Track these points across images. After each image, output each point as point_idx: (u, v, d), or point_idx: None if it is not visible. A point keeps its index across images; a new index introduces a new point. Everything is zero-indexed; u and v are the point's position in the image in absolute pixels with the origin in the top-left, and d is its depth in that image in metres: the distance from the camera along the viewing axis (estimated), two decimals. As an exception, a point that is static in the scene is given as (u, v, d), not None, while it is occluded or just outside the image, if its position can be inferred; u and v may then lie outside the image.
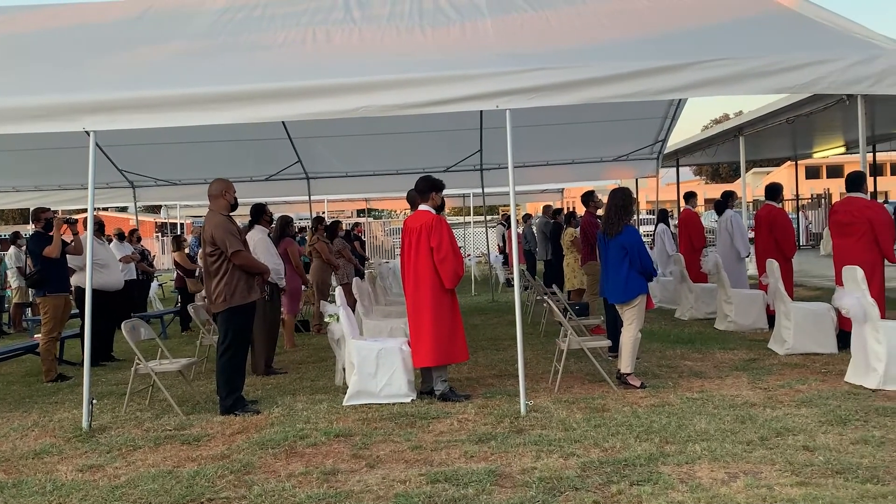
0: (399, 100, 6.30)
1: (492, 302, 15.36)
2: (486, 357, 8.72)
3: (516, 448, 5.14)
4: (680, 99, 11.53)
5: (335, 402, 6.75)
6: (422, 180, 6.98)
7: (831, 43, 6.54)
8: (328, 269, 11.49)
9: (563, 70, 6.28)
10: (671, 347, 8.84)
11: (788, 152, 26.51)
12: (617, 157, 14.45)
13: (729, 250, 11.23)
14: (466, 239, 28.59)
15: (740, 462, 4.67)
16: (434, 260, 6.61)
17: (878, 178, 24.93)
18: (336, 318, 6.97)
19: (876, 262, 7.52)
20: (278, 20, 8.07)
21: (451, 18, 7.95)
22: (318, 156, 13.41)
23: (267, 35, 7.75)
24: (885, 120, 16.22)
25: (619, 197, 7.22)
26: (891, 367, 6.27)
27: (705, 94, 6.34)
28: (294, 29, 7.85)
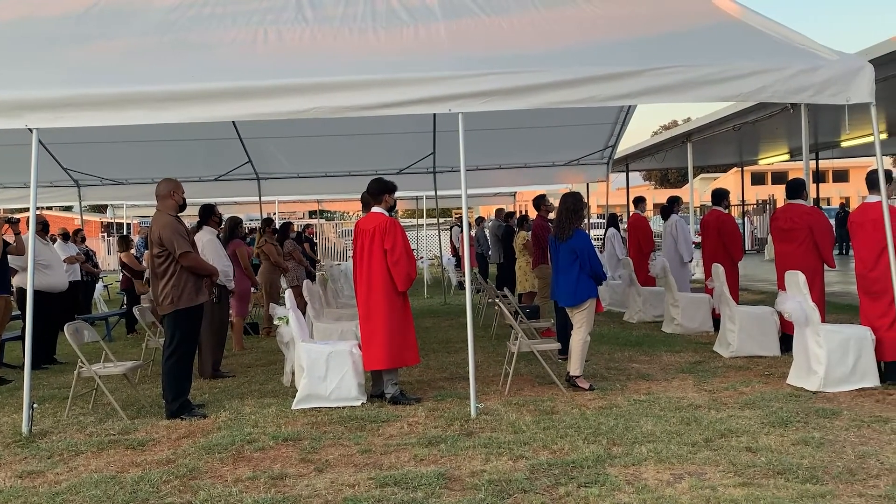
0: (351, 101, 6.28)
1: (444, 304, 15.39)
2: (438, 360, 8.72)
3: (466, 451, 5.15)
4: (630, 105, 11.70)
5: (284, 405, 6.69)
6: (374, 182, 6.96)
7: (776, 53, 6.69)
8: (277, 271, 11.38)
9: (516, 75, 6.33)
10: (620, 350, 8.95)
11: (735, 159, 27.15)
12: (568, 162, 14.61)
13: (674, 254, 11.44)
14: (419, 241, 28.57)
15: (685, 463, 4.75)
16: (387, 262, 6.59)
17: (821, 185, 25.62)
18: (285, 320, 6.90)
19: (816, 268, 7.74)
20: (228, 19, 7.95)
21: (405, 21, 7.94)
22: (269, 156, 13.28)
23: (217, 34, 7.63)
24: (827, 128, 16.70)
25: (570, 201, 7.30)
26: (831, 369, 6.45)
27: (654, 101, 6.45)
28: (245, 28, 7.75)
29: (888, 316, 6.53)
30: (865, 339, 6.54)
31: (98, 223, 40.29)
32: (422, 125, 11.83)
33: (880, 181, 6.54)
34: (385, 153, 13.18)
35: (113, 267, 28.08)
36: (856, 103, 6.41)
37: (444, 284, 17.27)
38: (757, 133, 17.85)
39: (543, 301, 10.30)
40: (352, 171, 13.98)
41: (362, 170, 13.49)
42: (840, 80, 6.34)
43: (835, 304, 11.22)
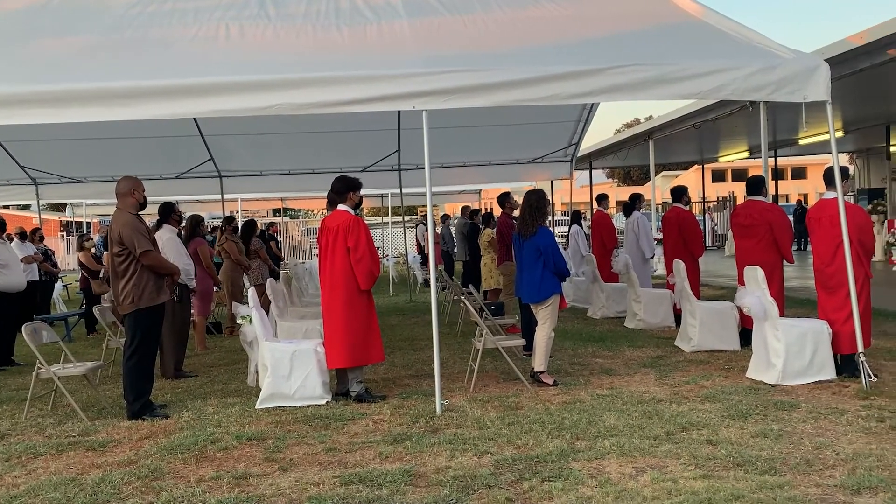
0: (314, 98, 6.25)
1: (409, 302, 15.38)
2: (403, 357, 8.72)
3: (431, 447, 5.17)
4: (592, 103, 11.80)
5: (247, 405, 6.64)
6: (339, 180, 6.93)
7: (734, 51, 6.80)
8: (239, 270, 11.27)
9: (480, 73, 6.35)
10: (583, 346, 9.03)
11: (695, 156, 27.54)
12: (532, 160, 14.70)
13: (636, 251, 11.58)
14: (384, 239, 28.51)
15: (647, 456, 4.82)
16: (350, 260, 6.58)
17: (780, 182, 26.08)
18: (248, 319, 6.85)
19: (775, 263, 7.87)
20: (190, 15, 7.86)
21: (368, 19, 7.91)
22: (232, 153, 13.16)
23: (177, 30, 7.54)
24: (785, 126, 17.01)
25: (534, 199, 7.34)
26: (789, 363, 6.58)
27: (615, 99, 6.52)
28: (206, 24, 7.66)
29: (844, 310, 6.67)
30: (822, 332, 6.68)
31: (57, 222, 39.55)
32: (386, 123, 11.81)
33: (836, 178, 6.67)
34: (349, 151, 13.13)
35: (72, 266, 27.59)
36: (812, 101, 6.54)
37: (409, 282, 17.26)
38: (717, 131, 18.12)
39: (508, 298, 10.34)
40: (316, 168, 13.91)
41: (326, 167, 13.43)
42: (797, 79, 6.46)
43: (793, 298, 11.42)
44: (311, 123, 10.60)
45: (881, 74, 11.44)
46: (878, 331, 8.42)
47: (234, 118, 8.65)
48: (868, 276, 6.78)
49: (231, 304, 9.94)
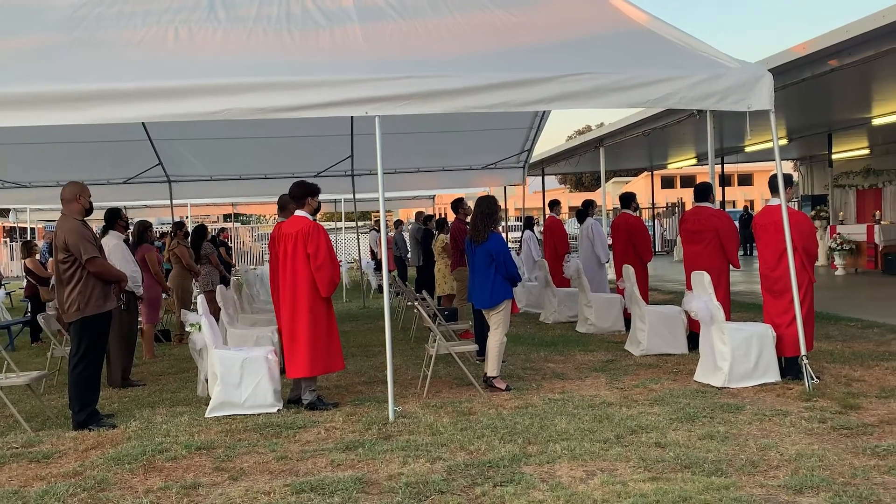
0: (266, 103, 6.19)
1: (363, 308, 15.32)
2: (356, 364, 8.68)
3: (384, 454, 5.15)
4: (544, 110, 11.91)
5: (197, 414, 6.54)
6: (297, 185, 6.86)
7: (681, 61, 6.94)
8: (189, 276, 11.10)
9: (432, 79, 6.37)
10: (535, 350, 9.10)
11: (645, 163, 27.97)
12: (485, 166, 14.79)
13: (590, 256, 11.71)
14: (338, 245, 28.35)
15: (598, 460, 4.87)
16: (311, 267, 6.51)
17: (726, 188, 26.63)
18: (198, 327, 6.75)
19: (722, 268, 8.04)
20: (138, 17, 7.73)
21: (320, 23, 7.88)
22: (181, 158, 12.96)
23: (125, 32, 7.41)
24: (731, 134, 17.36)
25: (485, 205, 7.38)
26: (735, 366, 6.72)
27: (566, 107, 6.60)
28: (154, 26, 7.55)
29: (788, 314, 6.84)
30: (767, 336, 6.84)
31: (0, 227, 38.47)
32: (339, 128, 11.76)
33: (780, 185, 6.84)
34: (302, 156, 13.04)
35: (16, 273, 26.86)
36: (756, 110, 6.71)
37: (363, 288, 17.19)
38: (666, 138, 18.44)
39: (462, 303, 10.37)
40: (268, 173, 13.80)
41: (278, 172, 13.34)
42: (741, 88, 6.62)
43: (740, 302, 11.68)
44: (263, 128, 10.51)
45: (823, 84, 11.77)
46: (820, 334, 8.65)
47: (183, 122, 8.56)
48: (812, 280, 6.97)
49: (180, 312, 9.79)
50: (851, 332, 9.23)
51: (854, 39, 9.41)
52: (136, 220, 10.90)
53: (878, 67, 11.00)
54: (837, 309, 11.02)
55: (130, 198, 14.91)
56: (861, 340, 8.66)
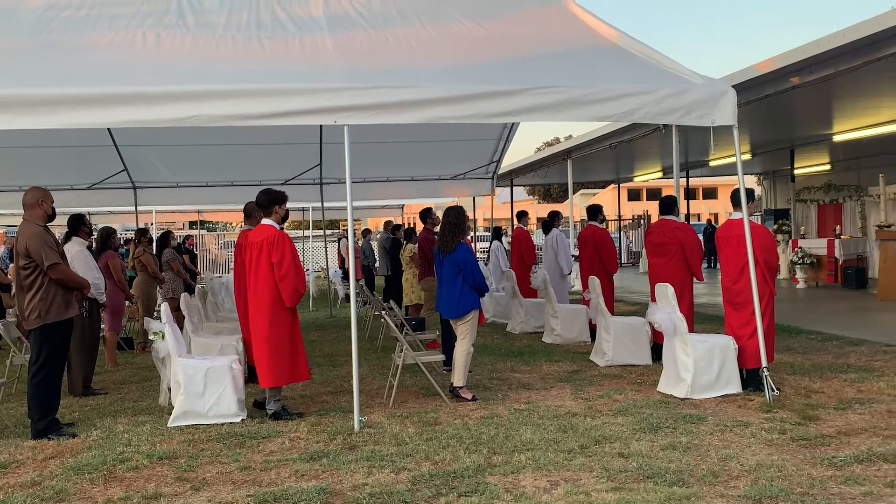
0: (234, 110, 6.16)
1: (330, 317, 15.24)
2: (322, 374, 8.64)
3: (348, 465, 5.13)
4: (513, 122, 12.00)
5: (159, 423, 6.46)
6: (264, 193, 6.82)
7: (647, 76, 7.04)
8: (154, 284, 10.97)
9: (402, 89, 6.38)
10: (502, 360, 9.13)
11: (612, 175, 28.26)
12: (454, 176, 14.85)
13: (554, 267, 11.79)
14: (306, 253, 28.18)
15: (562, 470, 4.91)
16: (275, 276, 6.47)
17: (691, 202, 26.99)
18: (161, 335, 6.67)
19: (686, 280, 8.15)
20: (105, 21, 7.66)
21: (290, 32, 7.87)
22: (147, 164, 12.83)
23: (92, 36, 7.34)
24: (696, 148, 17.62)
25: (453, 215, 7.41)
26: (697, 377, 6.80)
27: (534, 119, 6.66)
28: (122, 31, 7.49)
29: (750, 326, 6.94)
30: (729, 347, 6.94)
31: (-42, 232, 37.65)
32: (308, 136, 11.75)
33: (742, 199, 6.96)
34: (270, 163, 12.99)
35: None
36: (720, 125, 6.83)
37: (330, 297, 17.11)
38: (632, 151, 18.65)
39: (429, 313, 10.38)
40: (235, 181, 13.72)
41: (246, 180, 13.28)
42: (705, 104, 6.74)
43: (703, 314, 11.83)
44: (231, 135, 10.44)
45: (786, 100, 12.01)
46: (781, 346, 8.80)
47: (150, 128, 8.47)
48: (772, 293, 7.09)
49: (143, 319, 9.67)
50: (811, 345, 9.39)
51: (816, 57, 9.62)
52: (100, 226, 10.75)
53: (839, 85, 11.26)
54: (798, 321, 11.21)
55: (95, 204, 14.76)
56: (820, 353, 8.82)
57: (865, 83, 11.33)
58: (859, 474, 4.62)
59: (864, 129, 15.76)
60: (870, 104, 13.60)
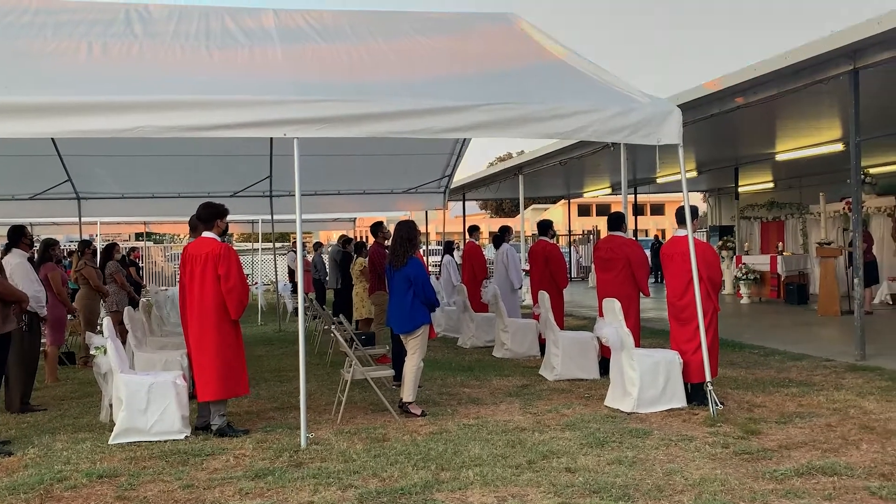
0: (180, 122, 6.06)
1: (279, 332, 15.06)
2: (269, 389, 8.52)
3: (294, 482, 5.06)
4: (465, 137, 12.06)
5: (100, 440, 6.29)
6: (204, 207, 6.74)
7: (596, 95, 7.15)
8: (97, 297, 10.72)
9: (353, 103, 6.37)
10: (452, 375, 9.12)
11: (562, 191, 28.61)
12: (407, 190, 14.85)
13: (505, 282, 11.86)
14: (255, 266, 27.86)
15: (509, 486, 4.91)
16: (222, 289, 6.39)
17: (639, 217, 27.41)
18: (103, 350, 6.51)
19: (633, 295, 8.26)
20: (49, 29, 7.52)
21: (240, 42, 7.82)
22: (92, 175, 12.56)
23: (36, 43, 7.18)
24: (644, 165, 17.95)
25: (405, 230, 7.40)
26: (643, 391, 6.89)
27: (484, 135, 6.71)
28: (67, 39, 7.35)
29: (694, 341, 7.06)
30: (674, 362, 7.04)
31: None
32: (258, 148, 11.61)
33: (687, 217, 7.10)
34: (219, 175, 12.83)
35: None
36: (666, 144, 6.96)
37: (278, 311, 16.92)
38: (582, 168, 18.92)
39: (380, 327, 10.34)
40: (182, 192, 13.50)
41: (194, 192, 13.07)
42: (651, 123, 6.86)
43: (650, 329, 12.00)
44: (179, 146, 10.30)
45: (730, 120, 12.32)
46: (725, 361, 8.96)
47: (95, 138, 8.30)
48: (716, 309, 7.22)
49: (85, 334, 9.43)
50: (754, 360, 9.59)
51: (759, 78, 9.91)
52: (42, 237, 10.48)
53: (782, 106, 11.60)
54: (741, 336, 11.44)
55: (37, 214, 14.38)
56: (763, 367, 9.01)
57: (807, 104, 11.69)
58: (799, 487, 4.72)
59: (805, 148, 16.24)
60: (811, 125, 14.04)
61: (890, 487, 4.63)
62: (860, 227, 9.46)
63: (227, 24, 8.19)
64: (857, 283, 9.39)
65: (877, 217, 17.43)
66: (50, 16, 7.75)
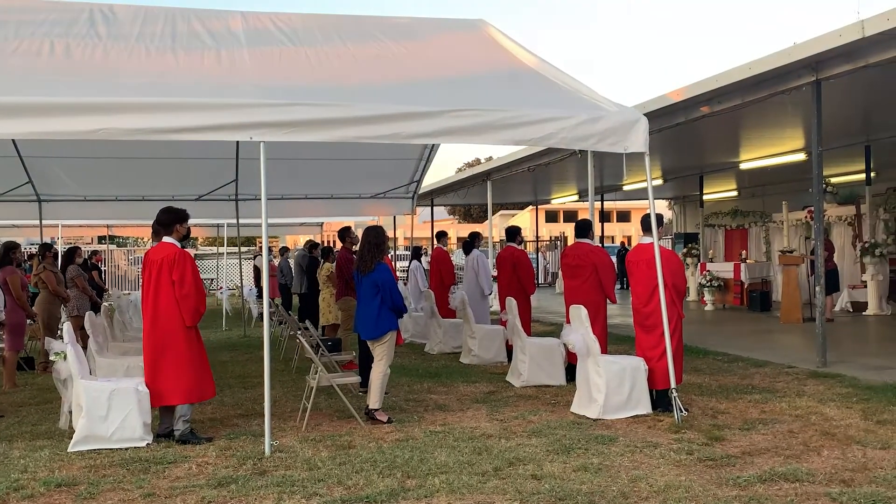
0: (144, 124, 5.97)
1: (244, 337, 14.90)
2: (233, 396, 8.41)
3: (258, 491, 5.00)
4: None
5: (59, 448, 6.16)
6: (164, 212, 6.66)
7: (564, 102, 7.19)
8: (57, 302, 10.51)
9: (320, 107, 6.33)
10: (419, 381, 9.09)
11: (530, 197, 28.74)
12: (375, 195, 14.80)
13: (475, 288, 11.86)
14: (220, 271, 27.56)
15: (475, 493, 4.89)
16: (176, 295, 6.31)
17: (606, 224, 27.63)
18: (63, 356, 6.38)
19: (599, 302, 8.31)
20: (11, 28, 7.37)
21: (207, 45, 7.73)
22: (53, 177, 12.32)
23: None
24: (611, 173, 18.10)
25: (373, 235, 7.36)
26: (609, 398, 6.92)
27: (452, 141, 6.70)
28: (28, 38, 7.21)
29: (659, 347, 7.12)
30: (639, 369, 7.09)
31: None
32: (224, 151, 11.47)
33: (653, 224, 7.16)
34: (184, 178, 12.65)
35: None
36: (632, 152, 7.01)
37: (244, 316, 16.74)
38: (549, 175, 19.03)
39: (346, 333, 10.28)
40: (146, 195, 13.30)
41: (158, 195, 12.86)
42: (619, 131, 6.91)
43: (616, 335, 12.08)
44: (143, 149, 10.13)
45: (696, 128, 12.46)
46: (689, 367, 9.04)
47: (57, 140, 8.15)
48: (681, 316, 7.29)
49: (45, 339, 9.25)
50: (718, 366, 9.69)
51: (724, 88, 10.04)
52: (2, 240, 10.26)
53: (746, 115, 11.76)
54: (706, 343, 11.57)
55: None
56: (727, 374, 9.11)
57: (770, 114, 11.87)
58: (762, 494, 4.77)
59: (768, 157, 16.50)
60: (774, 134, 14.26)
61: (850, 493, 4.69)
62: (822, 236, 9.61)
63: (194, 25, 8.10)
64: (819, 290, 9.55)
65: (838, 226, 17.76)
66: (11, 14, 7.61)
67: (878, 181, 16.72)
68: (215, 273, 29.57)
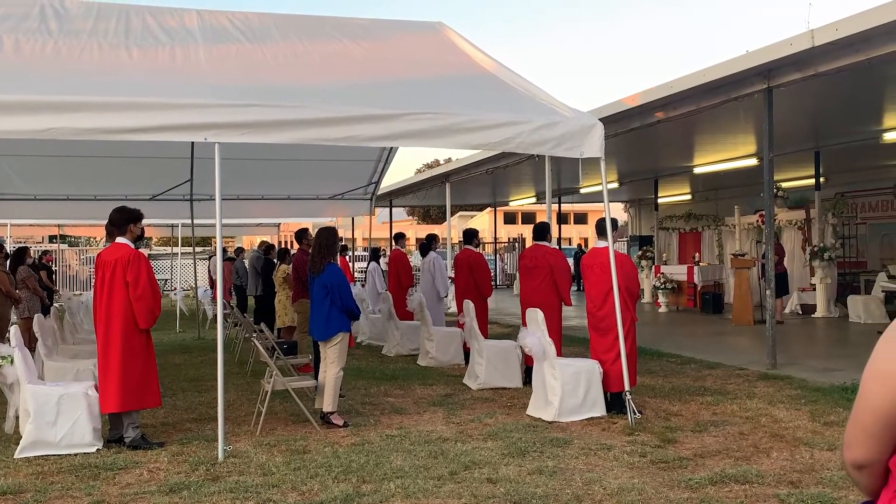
0: (95, 124, 5.85)
1: (198, 339, 14.68)
2: (186, 400, 8.29)
3: (210, 497, 4.93)
4: (392, 145, 12.02)
5: (5, 454, 6.01)
6: (117, 212, 6.53)
7: (521, 107, 7.22)
8: (8, 303, 10.25)
9: (277, 108, 6.26)
10: (376, 384, 9.06)
11: (489, 199, 28.83)
12: (333, 196, 14.71)
13: (431, 290, 11.86)
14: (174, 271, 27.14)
15: (431, 497, 4.89)
16: (130, 297, 6.19)
17: (563, 226, 27.86)
18: (9, 360, 6.22)
19: (555, 304, 8.38)
20: (-44, 22, 7.16)
21: (161, 41, 7.60)
22: (2, 175, 12.00)
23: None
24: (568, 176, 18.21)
25: (324, 236, 7.32)
26: (565, 400, 6.97)
27: (410, 144, 6.70)
28: (-26, 34, 7.01)
29: (613, 350, 7.20)
30: (594, 371, 7.16)
31: None
32: (179, 150, 11.27)
33: (607, 228, 7.23)
34: (138, 177, 12.42)
35: None
36: (588, 157, 7.08)
37: (198, 318, 16.50)
38: (507, 177, 19.12)
39: (303, 336, 10.19)
40: (98, 195, 13.03)
41: (111, 194, 12.61)
42: (575, 136, 6.97)
43: (572, 337, 12.17)
44: (95, 147, 9.90)
45: (651, 133, 12.63)
46: (643, 369, 9.15)
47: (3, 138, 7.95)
48: (634, 319, 7.38)
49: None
50: (671, 368, 9.83)
51: (678, 94, 10.20)
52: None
53: (700, 121, 11.96)
54: (660, 345, 11.72)
55: (-60, 215, 13.68)
56: (679, 375, 9.24)
57: (723, 120, 12.09)
58: (713, 496, 4.85)
59: (721, 162, 16.80)
60: (727, 140, 14.52)
61: (798, 495, 4.80)
62: (772, 240, 9.81)
63: (149, 22, 7.96)
64: (769, 293, 9.74)
65: (788, 230, 18.15)
66: (-43, 8, 7.39)
67: (827, 186, 17.13)
68: (169, 274, 29.10)
